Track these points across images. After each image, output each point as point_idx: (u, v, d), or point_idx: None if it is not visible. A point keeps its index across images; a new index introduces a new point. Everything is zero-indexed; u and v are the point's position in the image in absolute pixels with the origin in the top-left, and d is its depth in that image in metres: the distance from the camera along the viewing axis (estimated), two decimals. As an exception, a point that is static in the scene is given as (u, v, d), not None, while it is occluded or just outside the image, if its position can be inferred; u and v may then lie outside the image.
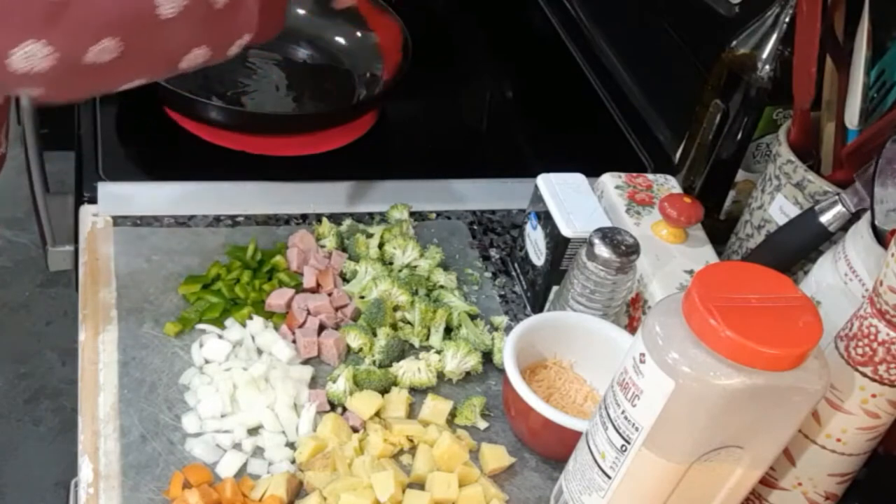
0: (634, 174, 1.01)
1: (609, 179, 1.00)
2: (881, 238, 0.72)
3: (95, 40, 0.65)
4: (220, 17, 0.71)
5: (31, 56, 0.63)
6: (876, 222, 0.73)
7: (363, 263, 0.95)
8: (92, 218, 0.98)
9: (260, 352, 0.88)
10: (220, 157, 1.08)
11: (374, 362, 0.88)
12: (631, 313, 0.93)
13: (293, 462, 0.80)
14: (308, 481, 0.78)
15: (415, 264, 0.98)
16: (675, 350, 0.62)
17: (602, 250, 0.84)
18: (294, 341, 0.88)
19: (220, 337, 0.88)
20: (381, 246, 0.99)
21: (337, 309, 0.92)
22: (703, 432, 0.64)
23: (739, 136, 1.00)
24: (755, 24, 0.96)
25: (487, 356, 0.91)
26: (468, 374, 0.89)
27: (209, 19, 0.71)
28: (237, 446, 0.81)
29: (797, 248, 0.88)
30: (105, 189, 1.01)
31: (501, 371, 0.88)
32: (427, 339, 0.92)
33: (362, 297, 0.93)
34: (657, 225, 0.94)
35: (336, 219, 1.02)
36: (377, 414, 0.83)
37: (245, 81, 1.18)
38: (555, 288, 0.94)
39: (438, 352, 0.90)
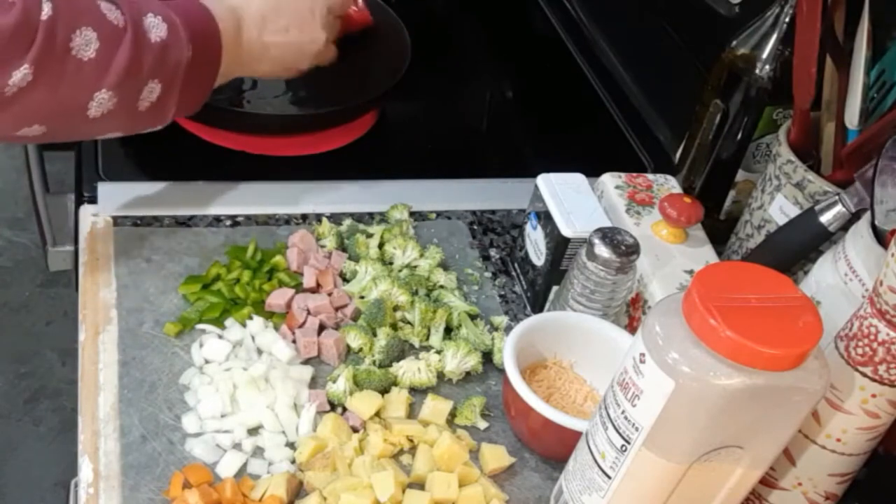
0: (634, 174, 1.01)
1: (609, 179, 1.00)
2: (881, 238, 0.72)
3: (26, 126, 0.76)
4: (139, 116, 0.82)
5: None
6: (876, 222, 0.73)
7: (363, 263, 0.95)
8: (92, 218, 0.98)
9: (260, 352, 0.88)
10: (220, 157, 1.08)
11: (374, 362, 0.88)
12: (631, 313, 0.93)
13: (293, 462, 0.80)
14: (308, 481, 0.78)
15: (415, 264, 0.98)
16: (675, 350, 0.62)
17: (602, 250, 0.84)
18: (294, 341, 0.88)
19: (220, 337, 0.88)
20: (381, 246, 0.99)
21: (337, 309, 0.92)
22: (703, 432, 0.64)
23: (739, 136, 1.00)
24: (755, 24, 0.96)
25: (487, 356, 0.91)
26: (468, 374, 0.89)
27: (129, 117, 0.82)
28: (237, 446, 0.81)
29: (797, 248, 0.88)
30: (105, 189, 1.01)
31: (501, 371, 0.88)
32: (427, 339, 0.92)
33: (362, 297, 0.93)
34: (657, 225, 0.94)
35: (336, 219, 1.02)
36: (377, 414, 0.83)
37: (245, 81, 1.18)
38: (555, 288, 0.94)
39: (438, 352, 0.90)
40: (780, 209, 0.91)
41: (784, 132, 0.91)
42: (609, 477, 0.69)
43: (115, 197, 1.00)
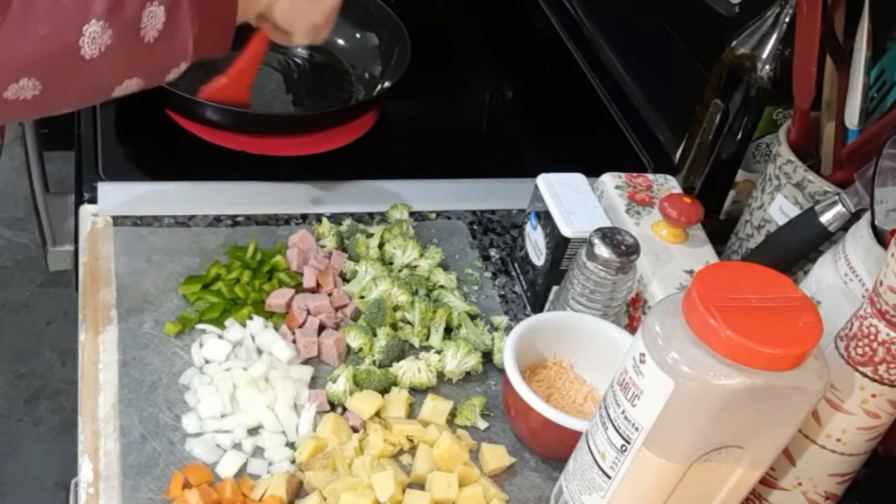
0: (634, 174, 1.01)
1: (609, 179, 1.00)
2: (881, 238, 0.72)
3: (12, 81, 0.66)
4: (150, 51, 0.72)
5: None
6: (876, 222, 0.73)
7: (363, 263, 0.95)
8: (92, 218, 0.98)
9: (260, 352, 0.88)
10: (220, 157, 1.08)
11: (374, 362, 0.88)
12: (631, 313, 0.93)
13: (293, 462, 0.80)
14: (308, 481, 0.78)
15: (415, 264, 0.98)
16: (675, 350, 0.62)
17: (602, 250, 0.84)
18: (294, 341, 0.88)
19: (220, 337, 0.88)
20: (381, 246, 0.99)
21: (337, 309, 0.92)
22: (703, 432, 0.64)
23: (739, 136, 1.00)
24: (755, 24, 0.96)
25: (487, 356, 0.91)
26: (468, 374, 0.89)
27: (138, 54, 0.71)
28: (237, 446, 0.81)
29: (797, 248, 0.88)
30: (105, 189, 1.01)
31: (501, 371, 0.88)
32: (427, 339, 0.92)
33: (362, 297, 0.93)
34: (657, 225, 0.94)
35: (336, 219, 1.02)
36: (377, 414, 0.83)
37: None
38: (555, 288, 0.94)
39: (438, 352, 0.90)
40: (780, 209, 0.91)
41: (784, 132, 0.91)
42: (609, 477, 0.69)
43: (115, 197, 1.00)
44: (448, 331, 0.92)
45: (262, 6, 0.84)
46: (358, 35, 1.24)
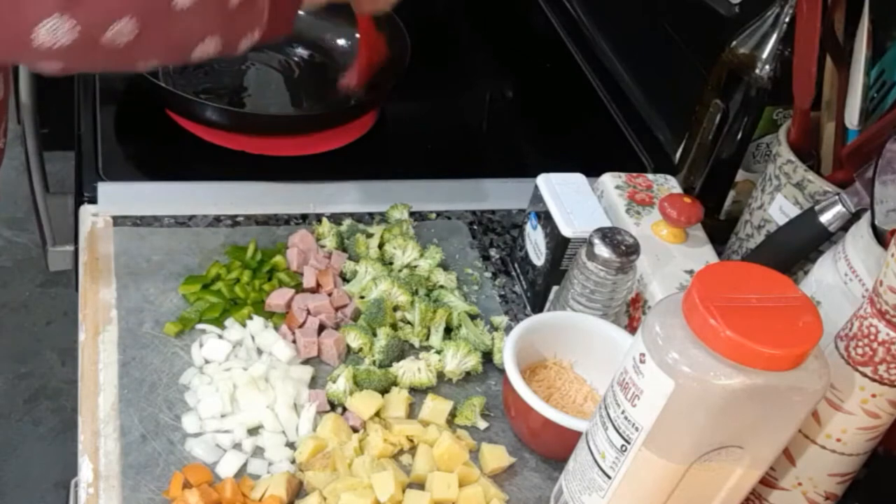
0: (634, 174, 1.01)
1: (609, 179, 1.00)
2: (881, 238, 0.72)
3: (114, 19, 0.67)
4: (233, 12, 0.74)
5: (54, 31, 0.66)
6: (876, 222, 0.73)
7: (363, 263, 0.95)
8: (92, 218, 0.98)
9: (260, 352, 0.88)
10: (220, 157, 1.08)
11: (374, 362, 0.88)
12: (631, 313, 0.93)
13: (293, 462, 0.80)
14: (308, 481, 0.78)
15: (415, 264, 0.98)
16: (675, 350, 0.62)
17: (602, 250, 0.84)
18: (294, 341, 0.88)
19: (220, 337, 0.88)
20: (381, 246, 0.99)
21: (337, 309, 0.92)
22: (703, 432, 0.64)
23: (739, 136, 1.00)
24: (755, 24, 0.96)
25: (487, 356, 0.91)
26: (468, 374, 0.89)
27: (223, 12, 0.73)
28: (237, 446, 0.81)
29: (797, 248, 0.88)
30: (105, 189, 1.01)
31: (501, 371, 0.88)
32: (427, 339, 0.92)
33: (362, 297, 0.93)
34: (657, 225, 0.94)
35: (336, 219, 1.02)
36: (377, 414, 0.83)
37: (245, 82, 1.18)
38: (555, 288, 0.94)
39: (438, 352, 0.90)
40: (780, 209, 0.91)
41: (784, 132, 0.91)
42: (609, 477, 0.69)
43: (115, 197, 1.00)
44: (448, 331, 0.92)
45: None
46: (358, 35, 1.24)
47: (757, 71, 0.95)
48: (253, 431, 0.82)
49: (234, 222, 1.01)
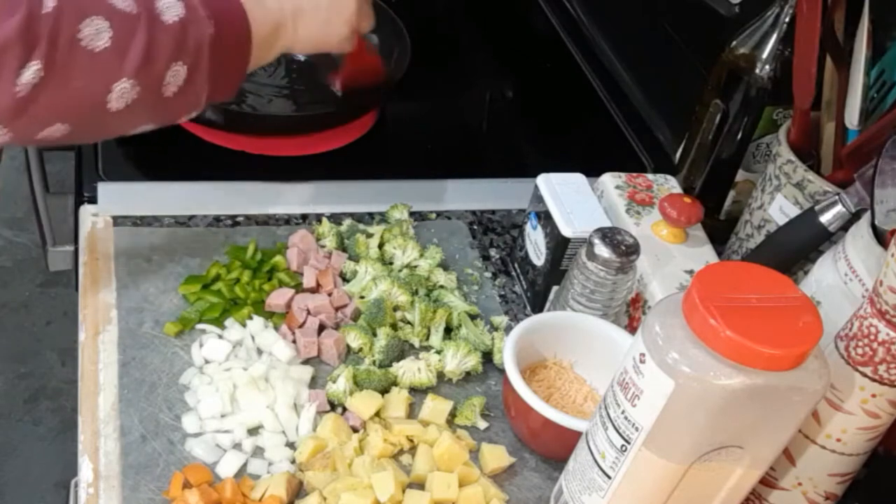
0: (634, 174, 1.01)
1: (609, 179, 1.00)
2: (881, 238, 0.72)
3: (48, 126, 0.73)
4: (168, 103, 0.78)
5: None
6: (876, 222, 0.73)
7: (363, 263, 0.95)
8: (92, 218, 0.98)
9: (260, 352, 0.88)
10: (220, 157, 1.08)
11: (374, 362, 0.88)
12: (631, 313, 0.93)
13: (293, 462, 0.80)
14: (308, 481, 0.78)
15: (415, 264, 0.98)
16: (675, 350, 0.62)
17: (602, 250, 0.84)
18: (294, 341, 0.88)
19: (220, 337, 0.88)
20: (381, 246, 0.99)
21: (337, 309, 0.92)
22: (703, 432, 0.64)
23: (739, 136, 1.00)
24: (755, 24, 0.96)
25: (487, 356, 0.91)
26: (468, 374, 0.89)
27: (157, 104, 0.77)
28: (237, 446, 0.81)
29: (797, 248, 0.88)
30: (105, 189, 1.01)
31: (501, 371, 0.88)
32: (427, 339, 0.92)
33: (362, 297, 0.93)
34: (657, 225, 0.94)
35: (336, 219, 1.02)
36: (377, 414, 0.83)
37: (245, 82, 1.18)
38: (555, 288, 0.94)
39: (438, 352, 0.90)
40: (780, 209, 0.91)
41: (784, 132, 0.91)
42: (609, 477, 0.69)
43: (115, 197, 1.00)
44: (448, 331, 0.92)
45: (279, 49, 0.88)
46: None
47: (757, 71, 0.95)
48: (253, 431, 0.82)
49: (234, 222, 1.01)
